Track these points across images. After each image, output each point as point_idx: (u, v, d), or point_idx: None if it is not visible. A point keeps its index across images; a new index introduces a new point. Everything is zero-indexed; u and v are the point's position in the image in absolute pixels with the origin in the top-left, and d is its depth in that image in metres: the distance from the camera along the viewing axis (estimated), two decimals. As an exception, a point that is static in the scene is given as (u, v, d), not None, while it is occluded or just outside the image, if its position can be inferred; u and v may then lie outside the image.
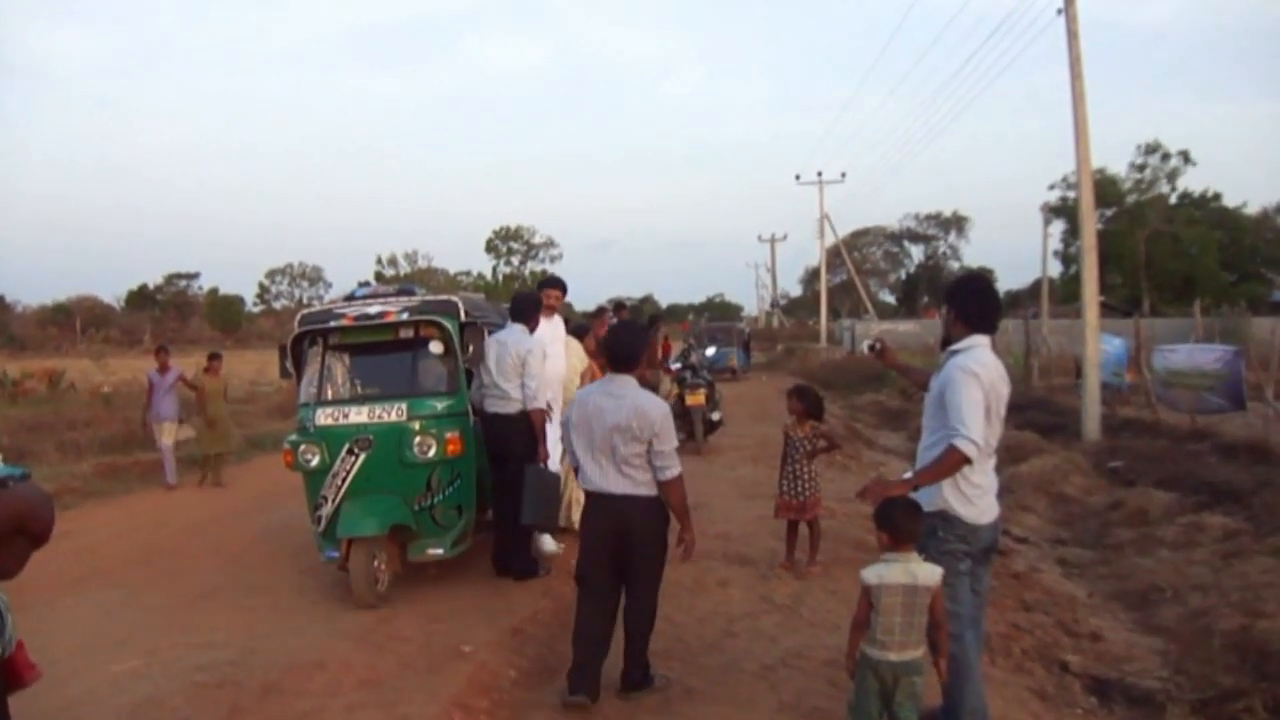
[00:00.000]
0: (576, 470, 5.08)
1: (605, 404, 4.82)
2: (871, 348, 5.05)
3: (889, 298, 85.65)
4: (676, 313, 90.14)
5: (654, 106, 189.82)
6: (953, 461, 4.03)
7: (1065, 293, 47.15)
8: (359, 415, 6.84)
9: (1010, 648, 5.85)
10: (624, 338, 5.12)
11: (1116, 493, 10.72)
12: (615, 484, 4.79)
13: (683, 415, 14.09)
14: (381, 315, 6.97)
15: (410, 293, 7.47)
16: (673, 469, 4.79)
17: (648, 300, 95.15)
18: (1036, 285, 42.27)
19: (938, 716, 4.29)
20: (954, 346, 4.33)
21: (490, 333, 7.22)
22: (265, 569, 8.03)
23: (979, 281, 4.77)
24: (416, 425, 6.76)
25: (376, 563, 6.66)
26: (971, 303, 4.39)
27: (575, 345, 8.36)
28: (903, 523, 3.90)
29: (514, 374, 6.97)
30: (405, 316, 6.97)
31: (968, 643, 4.19)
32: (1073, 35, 13.58)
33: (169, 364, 13.00)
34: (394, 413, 6.81)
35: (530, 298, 7.62)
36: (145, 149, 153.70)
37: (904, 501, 4.03)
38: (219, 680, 5.20)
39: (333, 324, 7.04)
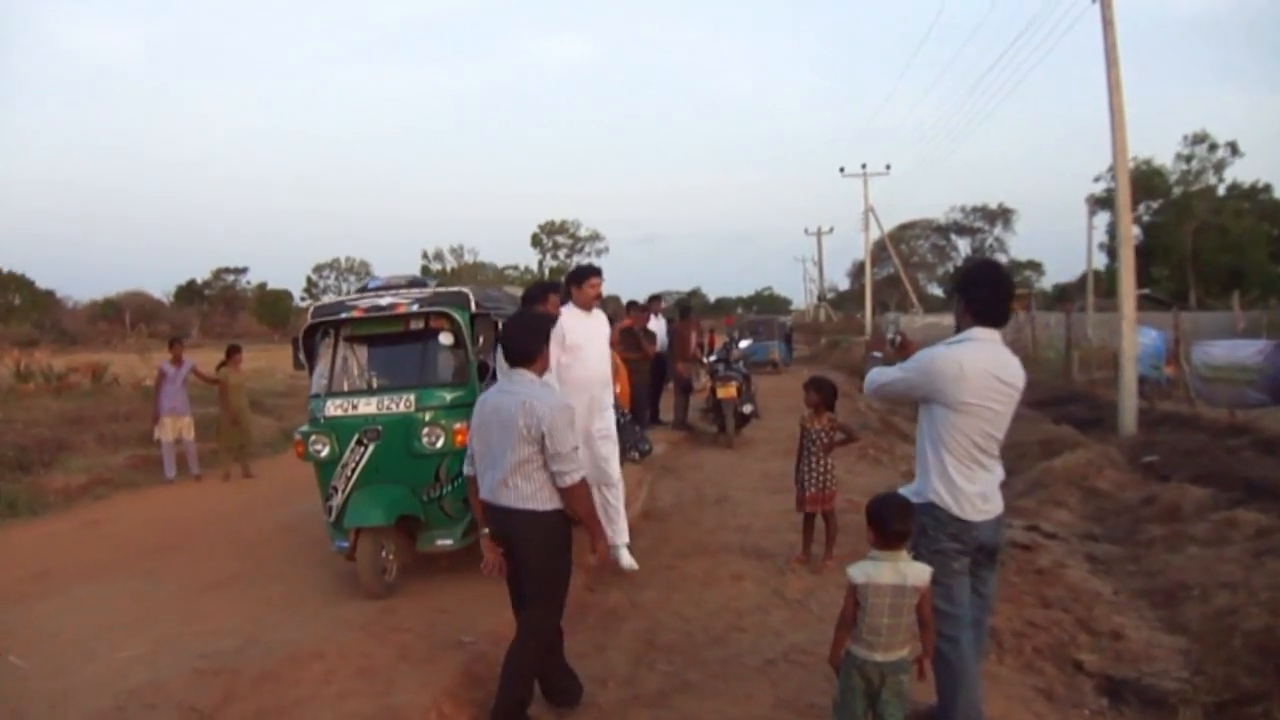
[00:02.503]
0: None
1: (500, 402, 4.41)
2: (892, 341, 4.92)
3: (937, 291, 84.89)
4: (725, 306, 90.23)
5: (700, 100, 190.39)
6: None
7: (1112, 286, 46.33)
8: (368, 406, 6.84)
9: (1021, 646, 5.68)
10: (518, 330, 4.59)
11: (1150, 488, 10.45)
12: (500, 495, 4.40)
13: (715, 408, 14.04)
14: (392, 307, 6.95)
15: (422, 284, 7.46)
16: (572, 473, 4.31)
17: (695, 294, 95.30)
18: (1085, 279, 41.63)
19: (934, 717, 4.18)
20: (950, 339, 4.18)
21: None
22: (281, 559, 8.10)
23: (988, 270, 4.41)
24: (425, 416, 6.75)
25: (384, 553, 6.69)
26: (978, 293, 4.15)
27: None
28: (892, 521, 3.76)
29: None
30: (415, 308, 6.95)
31: (964, 645, 4.02)
32: (1108, 24, 13.32)
33: (182, 356, 13.06)
34: (402, 404, 6.80)
35: (542, 284, 7.48)
36: (196, 145, 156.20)
37: (895, 500, 3.90)
38: (218, 667, 5.23)
39: (344, 316, 7.03)
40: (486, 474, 4.49)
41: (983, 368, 3.98)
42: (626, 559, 7.16)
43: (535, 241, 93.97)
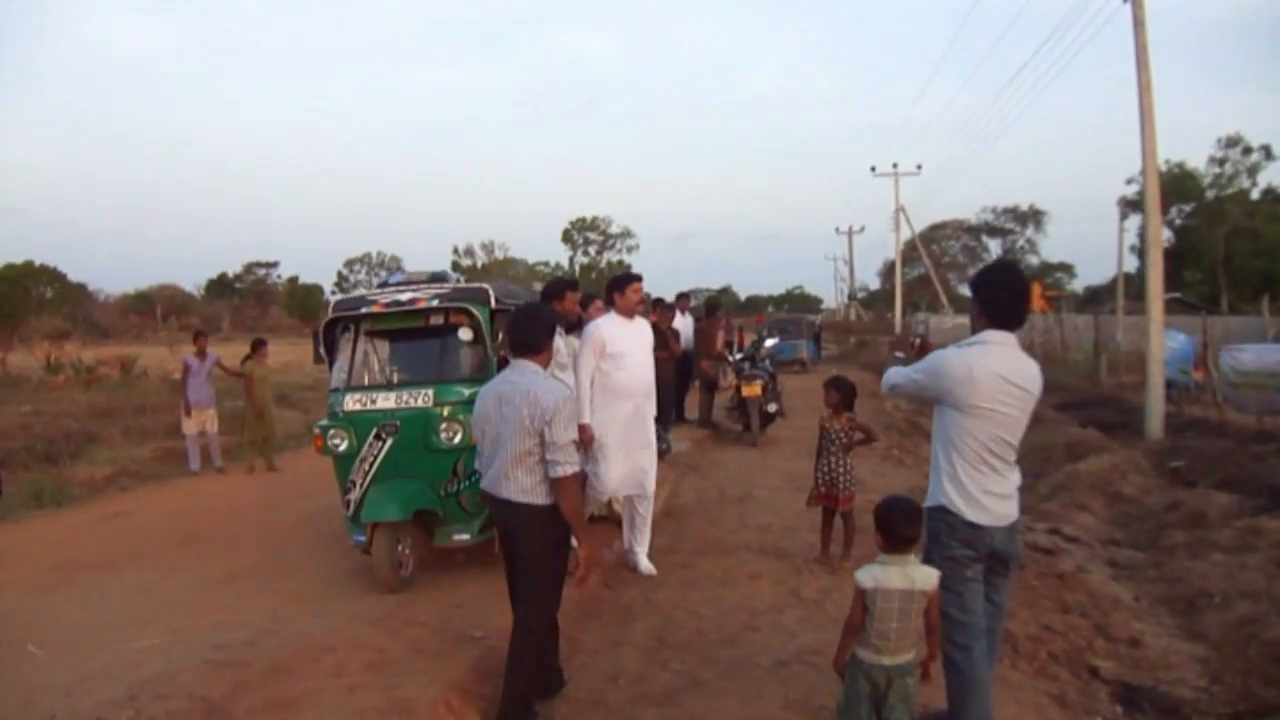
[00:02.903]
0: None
1: (504, 391, 4.43)
2: (911, 345, 4.88)
3: (967, 291, 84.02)
4: (756, 304, 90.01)
5: (730, 98, 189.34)
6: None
7: (1143, 289, 45.75)
8: (386, 401, 6.86)
9: (1037, 651, 5.63)
10: (522, 320, 4.61)
11: (1175, 493, 10.35)
12: (500, 486, 4.40)
13: (739, 406, 13.99)
14: (412, 302, 6.97)
15: (443, 280, 7.49)
16: (566, 466, 4.27)
17: (726, 291, 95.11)
18: (1116, 281, 41.24)
19: (943, 720, 4.14)
20: (963, 341, 4.14)
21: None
22: (300, 553, 8.15)
23: (1001, 272, 4.37)
24: (443, 411, 6.77)
25: (401, 548, 6.71)
26: (992, 295, 4.08)
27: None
28: (899, 525, 3.74)
29: None
30: (435, 303, 6.96)
31: (976, 654, 3.95)
32: (1138, 24, 13.23)
33: (207, 349, 13.21)
34: (421, 399, 6.82)
35: (560, 281, 7.52)
36: (227, 138, 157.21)
37: (902, 504, 3.87)
38: (230, 659, 5.25)
39: (364, 310, 7.05)
40: (487, 464, 4.52)
41: (993, 370, 3.91)
42: (645, 563, 7.14)
43: (566, 238, 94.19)
